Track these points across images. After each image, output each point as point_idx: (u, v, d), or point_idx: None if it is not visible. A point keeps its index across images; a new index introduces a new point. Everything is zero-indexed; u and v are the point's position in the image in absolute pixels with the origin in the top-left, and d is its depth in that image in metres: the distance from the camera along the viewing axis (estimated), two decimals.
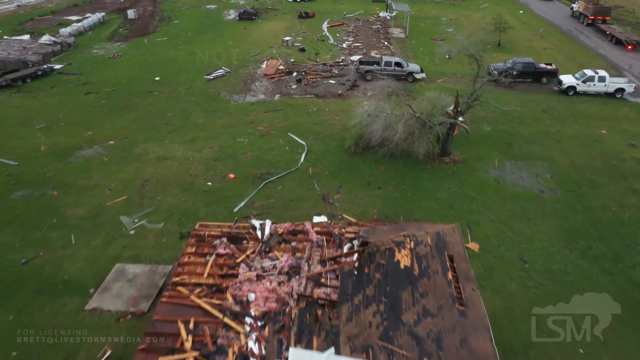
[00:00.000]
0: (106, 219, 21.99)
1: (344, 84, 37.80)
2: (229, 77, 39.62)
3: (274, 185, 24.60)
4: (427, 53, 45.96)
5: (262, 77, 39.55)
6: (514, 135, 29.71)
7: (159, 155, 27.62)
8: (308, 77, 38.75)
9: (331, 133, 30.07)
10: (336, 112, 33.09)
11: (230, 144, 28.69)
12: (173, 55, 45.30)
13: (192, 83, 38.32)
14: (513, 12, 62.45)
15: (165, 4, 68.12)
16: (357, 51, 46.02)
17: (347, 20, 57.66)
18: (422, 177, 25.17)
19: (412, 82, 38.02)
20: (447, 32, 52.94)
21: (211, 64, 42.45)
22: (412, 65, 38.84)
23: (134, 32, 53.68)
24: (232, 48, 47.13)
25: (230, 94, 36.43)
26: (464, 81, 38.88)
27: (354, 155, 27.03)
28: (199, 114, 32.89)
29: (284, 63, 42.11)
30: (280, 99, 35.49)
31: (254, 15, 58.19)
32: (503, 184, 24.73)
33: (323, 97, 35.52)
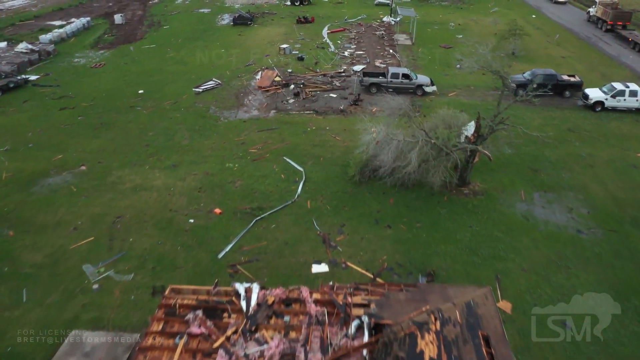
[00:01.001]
0: (67, 268, 18.79)
1: (347, 98, 34.69)
2: (219, 90, 36.49)
3: (267, 222, 21.42)
4: (436, 62, 42.90)
5: (256, 89, 36.44)
6: (540, 159, 26.55)
7: (136, 184, 24.44)
8: (306, 90, 35.64)
9: (332, 157, 26.92)
10: (338, 131, 29.95)
11: (218, 171, 25.52)
12: (160, 64, 42.20)
13: (178, 97, 35.18)
14: (525, 16, 59.44)
15: (156, 7, 65.14)
16: (360, 60, 42.94)
17: (349, 26, 54.64)
18: (439, 213, 21.99)
19: (422, 96, 34.91)
20: (457, 38, 49.91)
21: (201, 75, 39.35)
22: (422, 77, 35.73)
23: (120, 38, 50.62)
24: (224, 56, 44.05)
25: (220, 109, 33.29)
26: (478, 94, 35.82)
27: (359, 185, 23.87)
28: (185, 134, 29.73)
29: (281, 74, 39.01)
30: (276, 115, 32.36)
31: (249, 20, 55.17)
32: (533, 222, 21.54)
33: (323, 114, 32.38)
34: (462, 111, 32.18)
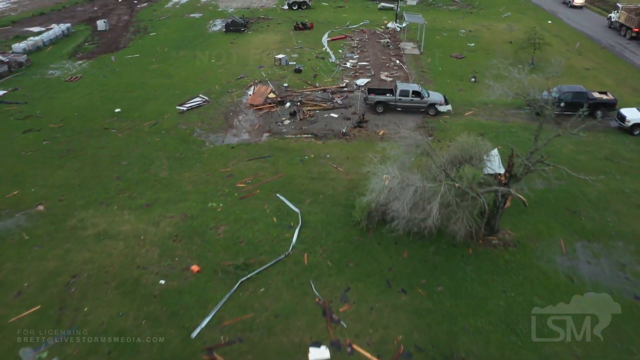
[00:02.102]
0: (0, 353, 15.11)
1: (349, 118, 31.04)
2: (206, 108, 32.84)
3: (254, 285, 17.76)
4: (447, 74, 39.29)
5: (248, 107, 32.80)
6: (578, 197, 22.89)
7: (101, 230, 20.77)
8: (304, 109, 31.99)
9: (334, 193, 23.27)
10: (340, 159, 26.31)
11: (199, 212, 21.86)
12: (142, 77, 38.54)
13: (160, 116, 31.52)
14: (540, 21, 55.81)
15: (144, 11, 61.53)
16: (364, 72, 39.32)
17: (351, 33, 51.04)
18: (463, 271, 18.32)
19: (434, 116, 31.27)
20: (469, 47, 46.32)
21: (187, 90, 35.72)
22: (434, 94, 32.09)
23: (102, 47, 46.98)
24: (214, 68, 40.42)
25: (206, 132, 29.63)
26: (497, 114, 32.21)
27: (366, 232, 20.21)
28: (163, 163, 26.07)
29: (275, 89, 35.39)
30: (269, 139, 28.70)
31: (243, 26, 51.56)
32: (579, 283, 17.87)
33: (323, 138, 28.72)
34: (481, 135, 28.78)
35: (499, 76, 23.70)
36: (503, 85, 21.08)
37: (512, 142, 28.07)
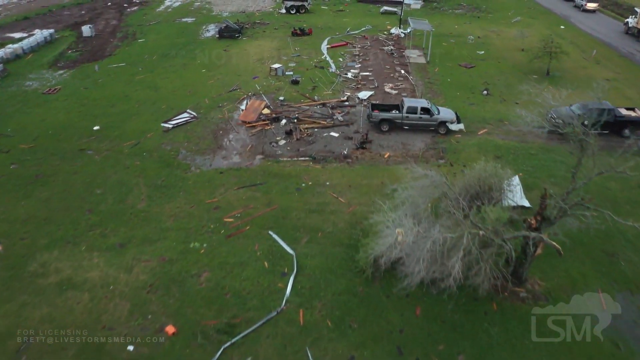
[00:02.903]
0: None
1: (351, 137, 28.36)
2: (194, 126, 30.16)
3: (239, 352, 15.08)
4: (456, 86, 36.62)
5: (240, 125, 30.12)
6: (614, 236, 20.19)
7: (64, 277, 18.09)
8: (301, 127, 29.31)
9: (335, 230, 20.59)
10: (341, 187, 23.64)
11: (179, 255, 19.17)
12: (126, 89, 35.87)
13: (142, 135, 28.84)
14: (552, 27, 53.21)
15: (134, 16, 58.85)
16: (367, 84, 36.65)
17: (352, 39, 48.38)
18: (488, 335, 15.63)
19: (445, 135, 28.60)
20: (478, 55, 43.67)
21: (174, 104, 33.05)
22: (445, 110, 29.39)
23: (86, 54, 44.30)
24: (204, 79, 37.76)
25: (192, 154, 26.95)
26: (515, 132, 29.42)
27: (372, 282, 17.52)
28: (142, 192, 23.39)
29: (270, 103, 32.74)
30: (263, 162, 26.02)
31: (238, 32, 48.89)
32: (626, 352, 15.18)
33: (322, 161, 26.04)
34: (498, 157, 26.18)
35: (509, 86, 20.83)
36: (532, 112, 18.34)
37: (533, 166, 25.56)
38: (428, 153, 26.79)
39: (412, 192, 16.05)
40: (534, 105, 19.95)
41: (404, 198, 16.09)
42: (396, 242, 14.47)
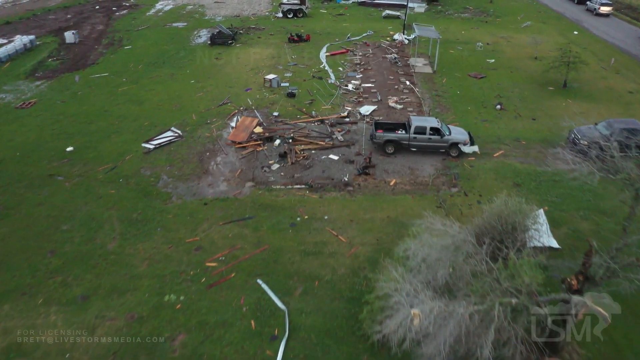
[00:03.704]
0: None
1: (352, 161, 25.64)
2: (179, 146, 27.45)
3: None
4: (467, 99, 33.92)
5: (229, 145, 27.42)
6: None
7: (13, 342, 15.36)
8: (297, 149, 26.60)
9: (334, 278, 17.87)
10: (342, 222, 20.93)
11: (151, 311, 16.44)
12: (107, 103, 33.15)
13: (120, 158, 26.13)
14: (564, 33, 50.59)
15: (122, 20, 56.14)
16: (369, 97, 33.95)
17: (352, 46, 45.69)
18: None
19: (457, 158, 25.89)
20: (488, 63, 41.01)
21: (158, 120, 30.37)
22: (456, 130, 26.66)
23: (67, 63, 41.59)
24: (193, 91, 35.06)
25: (174, 180, 24.23)
26: (533, 154, 26.79)
27: (379, 350, 14.77)
28: (114, 228, 20.66)
29: (263, 119, 30.05)
30: (253, 191, 23.31)
31: (231, 38, 46.22)
32: None
33: (320, 190, 23.33)
34: (517, 185, 23.51)
35: (524, 99, 18.08)
36: (577, 157, 15.64)
37: (559, 196, 22.86)
38: (439, 180, 24.08)
39: (429, 252, 13.28)
40: (552, 120, 17.21)
41: (419, 260, 13.30)
42: (411, 325, 11.74)
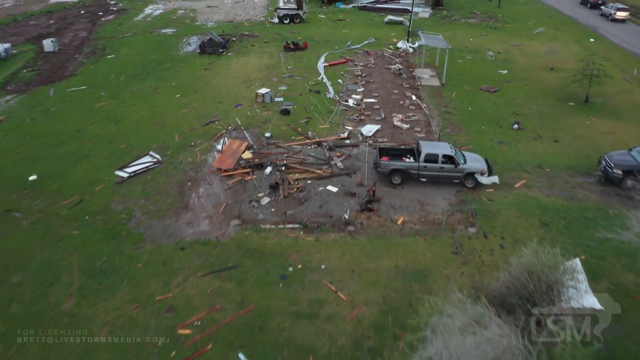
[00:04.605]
0: None
1: (354, 193, 22.64)
2: (157, 174, 24.46)
3: None
4: (479, 116, 30.95)
5: (214, 172, 24.43)
6: None
7: None
8: (291, 178, 23.60)
9: (332, 351, 14.87)
10: (341, 273, 17.92)
11: None
12: (81, 121, 30.18)
13: (89, 189, 23.15)
14: (580, 40, 47.70)
15: (107, 26, 53.20)
16: (372, 115, 30.97)
17: (353, 55, 42.75)
18: None
19: (473, 189, 22.89)
20: (501, 75, 38.08)
21: (136, 142, 27.42)
22: (472, 157, 23.64)
23: (44, 74, 38.62)
24: (177, 107, 32.08)
25: (149, 217, 21.23)
26: (559, 184, 23.80)
27: None
28: (73, 281, 17.66)
29: (254, 141, 27.08)
30: (238, 232, 20.30)
31: (222, 46, 43.29)
32: None
33: (317, 230, 20.32)
34: (545, 225, 20.55)
35: (543, 116, 15.21)
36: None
37: (595, 240, 19.82)
38: (454, 218, 21.08)
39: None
40: (577, 142, 14.24)
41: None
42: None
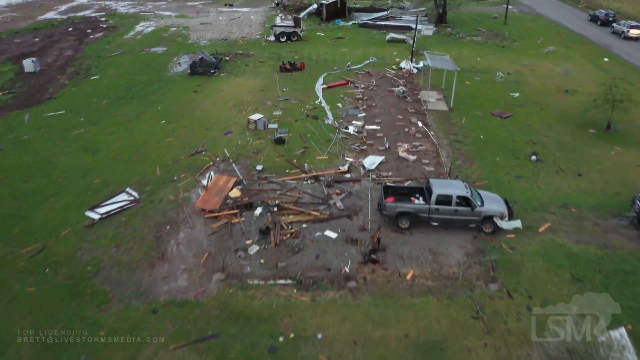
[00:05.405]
0: None
1: (356, 239, 19.95)
2: (132, 215, 21.81)
3: None
4: (493, 146, 28.41)
5: (197, 213, 21.77)
6: None
7: None
8: (284, 221, 20.92)
9: None
10: (341, 345, 15.17)
11: None
12: (54, 151, 27.66)
13: (54, 234, 20.49)
14: (594, 60, 45.46)
15: (95, 44, 50.96)
16: (375, 143, 28.44)
17: (353, 76, 40.42)
18: None
19: (492, 235, 20.21)
20: (513, 98, 35.69)
21: (112, 177, 24.87)
22: (490, 198, 20.97)
23: (21, 97, 36.20)
24: (162, 135, 29.58)
25: (119, 270, 18.53)
26: (589, 227, 21.16)
27: None
28: (21, 355, 14.84)
29: (242, 179, 24.48)
30: (221, 289, 17.58)
31: (214, 67, 40.99)
32: None
33: (312, 287, 17.60)
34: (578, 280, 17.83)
35: (563, 146, 12.65)
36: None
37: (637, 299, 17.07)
38: (471, 271, 18.37)
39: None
40: (603, 177, 11.66)
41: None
42: None
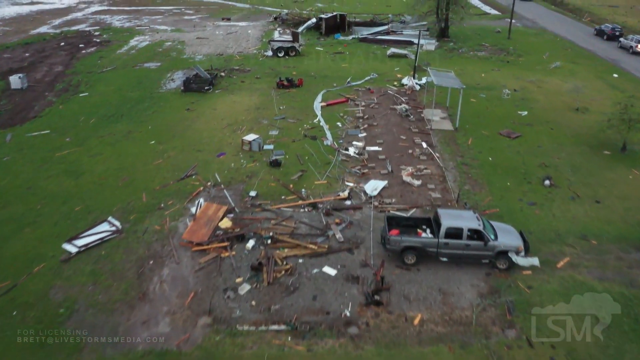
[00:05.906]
0: None
1: (357, 277, 18.23)
2: (113, 248, 20.11)
3: None
4: (502, 169, 26.82)
5: (184, 245, 20.07)
6: None
7: None
8: (278, 255, 19.22)
9: None
10: None
11: None
12: (35, 175, 26.04)
13: (27, 270, 18.77)
14: (603, 76, 44.13)
15: (86, 59, 49.59)
16: (377, 166, 26.85)
17: (353, 93, 39.00)
18: None
19: (507, 271, 18.49)
20: (521, 116, 34.21)
21: (95, 203, 23.24)
22: (504, 231, 19.28)
23: (4, 116, 34.70)
24: (150, 157, 27.99)
25: (94, 312, 16.78)
26: (611, 262, 19.51)
27: None
28: None
29: (234, 206, 22.83)
30: (207, 336, 15.80)
31: (208, 83, 39.59)
32: None
33: (309, 334, 15.84)
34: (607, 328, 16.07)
35: (577, 169, 11.03)
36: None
37: None
38: (486, 314, 16.63)
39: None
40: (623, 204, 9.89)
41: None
42: None
